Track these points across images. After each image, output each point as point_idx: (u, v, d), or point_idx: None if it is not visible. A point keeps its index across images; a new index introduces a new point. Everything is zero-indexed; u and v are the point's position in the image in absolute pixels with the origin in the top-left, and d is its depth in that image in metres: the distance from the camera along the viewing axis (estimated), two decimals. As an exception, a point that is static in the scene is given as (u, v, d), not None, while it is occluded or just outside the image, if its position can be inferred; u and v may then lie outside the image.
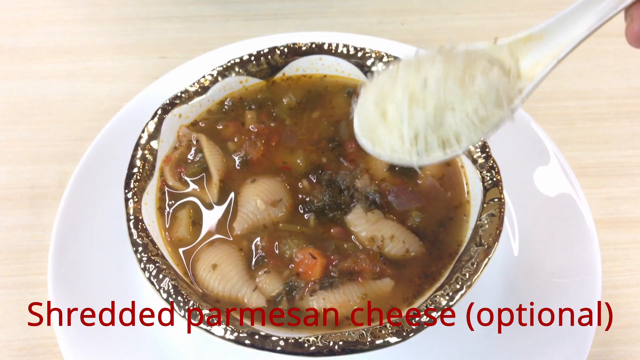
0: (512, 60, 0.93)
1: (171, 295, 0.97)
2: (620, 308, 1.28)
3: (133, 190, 1.08)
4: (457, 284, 0.98)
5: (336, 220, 1.11)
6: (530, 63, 0.92)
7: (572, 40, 0.87)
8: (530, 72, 0.92)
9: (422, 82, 0.88)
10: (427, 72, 0.89)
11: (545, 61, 0.90)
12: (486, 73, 0.89)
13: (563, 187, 1.30)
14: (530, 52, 0.92)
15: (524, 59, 0.93)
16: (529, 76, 0.92)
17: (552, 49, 0.90)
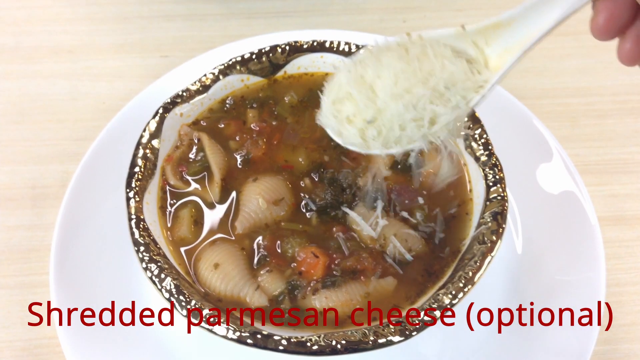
0: (478, 50, 0.93)
1: (173, 295, 0.96)
2: (624, 306, 1.27)
3: (135, 190, 1.08)
4: (461, 282, 0.98)
5: (338, 218, 1.10)
6: (499, 51, 0.91)
7: (539, 30, 0.86)
8: (499, 60, 0.91)
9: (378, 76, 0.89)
10: (385, 65, 0.89)
11: (514, 49, 0.89)
12: (451, 64, 0.89)
13: (566, 185, 1.29)
14: (499, 39, 0.91)
15: (493, 46, 0.92)
16: (497, 65, 0.91)
17: (520, 37, 0.89)
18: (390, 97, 0.88)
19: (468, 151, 1.17)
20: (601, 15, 0.78)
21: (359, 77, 0.91)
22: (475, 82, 0.91)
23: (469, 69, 0.92)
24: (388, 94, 0.88)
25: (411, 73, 0.88)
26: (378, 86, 0.89)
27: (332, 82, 0.97)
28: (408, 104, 0.88)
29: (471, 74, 0.91)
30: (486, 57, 0.93)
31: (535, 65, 1.70)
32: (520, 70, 1.69)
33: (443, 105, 0.88)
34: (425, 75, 0.88)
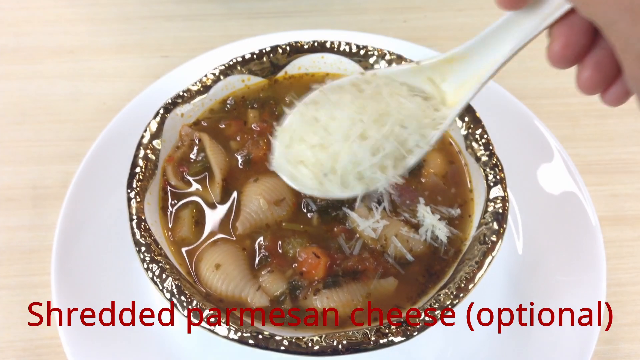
0: (434, 86, 0.91)
1: (174, 295, 0.96)
2: (625, 306, 1.27)
3: (136, 190, 1.08)
4: (462, 283, 0.98)
5: (339, 219, 1.10)
6: (455, 85, 0.90)
7: (496, 61, 0.85)
8: (455, 95, 0.90)
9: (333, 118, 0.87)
10: (339, 106, 0.87)
11: (470, 83, 0.88)
12: (407, 102, 0.87)
13: (567, 185, 1.29)
14: (454, 73, 0.90)
15: (449, 81, 0.91)
16: (455, 100, 0.90)
17: (477, 69, 0.87)
18: (346, 140, 0.86)
19: (469, 151, 1.17)
20: (557, 42, 0.75)
21: (312, 120, 0.89)
22: (434, 120, 0.90)
23: (427, 106, 0.90)
24: (343, 137, 0.86)
25: (367, 114, 0.86)
26: (332, 128, 0.87)
27: (283, 125, 0.94)
28: (365, 147, 0.86)
29: (429, 112, 0.90)
30: (443, 92, 0.92)
31: (535, 64, 1.70)
32: (520, 70, 1.70)
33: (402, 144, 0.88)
34: (381, 115, 0.87)
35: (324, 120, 0.87)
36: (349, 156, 0.85)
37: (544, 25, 0.78)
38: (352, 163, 0.86)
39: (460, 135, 1.19)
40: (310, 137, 0.87)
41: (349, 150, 0.85)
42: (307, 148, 0.88)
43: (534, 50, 1.75)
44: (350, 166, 0.86)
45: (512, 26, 0.83)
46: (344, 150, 0.85)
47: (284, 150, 0.92)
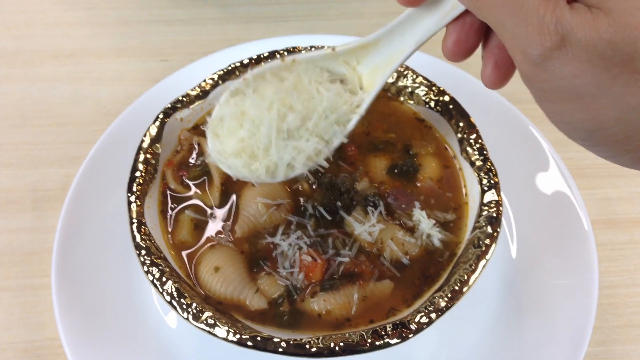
0: (350, 68, 0.96)
1: (174, 298, 0.98)
2: (617, 308, 1.29)
3: (136, 194, 1.10)
4: (456, 285, 1.00)
5: (336, 222, 1.12)
6: (370, 68, 0.95)
7: (403, 51, 0.90)
8: (371, 78, 0.95)
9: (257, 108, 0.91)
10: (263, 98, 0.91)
11: (383, 67, 0.94)
12: (327, 91, 0.92)
13: (561, 190, 1.31)
14: (368, 57, 0.95)
15: (364, 64, 0.96)
16: (370, 82, 0.95)
17: (388, 55, 0.93)
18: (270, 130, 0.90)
19: (463, 155, 1.19)
20: (450, 38, 0.82)
21: (238, 113, 0.93)
22: (352, 104, 0.95)
23: (345, 90, 0.95)
24: (268, 131, 0.90)
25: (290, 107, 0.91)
26: (257, 122, 0.91)
27: (213, 116, 0.97)
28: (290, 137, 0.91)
29: (348, 97, 0.95)
30: (359, 74, 0.97)
31: (530, 69, 1.72)
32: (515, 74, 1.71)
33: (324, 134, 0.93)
34: (304, 108, 0.92)
35: (250, 113, 0.91)
36: (275, 150, 0.91)
37: (444, 22, 0.83)
38: (278, 156, 0.92)
39: (455, 140, 1.21)
40: (237, 131, 0.92)
41: (274, 145, 0.91)
42: (236, 141, 0.92)
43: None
44: (277, 159, 0.92)
45: (416, 20, 0.87)
46: (270, 144, 0.91)
47: (215, 140, 0.96)
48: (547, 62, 0.66)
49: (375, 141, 1.24)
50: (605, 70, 0.65)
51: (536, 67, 0.67)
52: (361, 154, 1.22)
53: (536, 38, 0.65)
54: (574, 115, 0.70)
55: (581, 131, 0.72)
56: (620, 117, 0.67)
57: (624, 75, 0.65)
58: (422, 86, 1.27)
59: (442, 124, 1.24)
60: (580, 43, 0.64)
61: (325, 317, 1.03)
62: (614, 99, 0.66)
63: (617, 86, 0.65)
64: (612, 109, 0.67)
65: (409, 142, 1.24)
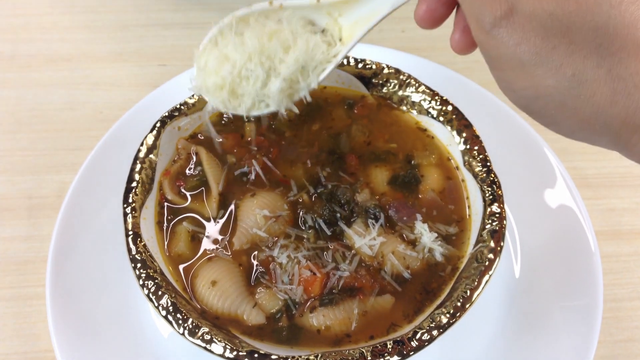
0: (332, 19, 1.02)
1: (170, 313, 0.96)
2: (621, 322, 1.27)
3: (132, 205, 1.08)
4: (459, 302, 0.98)
5: (336, 235, 1.10)
6: (351, 22, 1.01)
7: (380, 12, 0.97)
8: (350, 31, 1.01)
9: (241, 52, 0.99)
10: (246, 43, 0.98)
11: (362, 22, 0.99)
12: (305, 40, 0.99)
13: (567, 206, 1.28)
14: (350, 11, 1.01)
15: (345, 17, 1.02)
16: (349, 35, 1.01)
17: (367, 12, 0.99)
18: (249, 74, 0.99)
19: (466, 167, 1.17)
20: (421, 6, 0.88)
21: (222, 56, 1.00)
22: (328, 55, 1.02)
23: (324, 41, 1.03)
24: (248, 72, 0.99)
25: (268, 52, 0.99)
26: (238, 65, 0.98)
27: (200, 51, 1.04)
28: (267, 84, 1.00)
29: (325, 47, 1.02)
30: (340, 26, 1.03)
31: (533, 76, 1.70)
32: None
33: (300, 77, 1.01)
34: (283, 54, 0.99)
35: (232, 57, 0.99)
36: (253, 91, 1.00)
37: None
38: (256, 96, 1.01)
39: (458, 151, 1.19)
40: (219, 71, 1.00)
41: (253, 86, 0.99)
42: (217, 79, 1.00)
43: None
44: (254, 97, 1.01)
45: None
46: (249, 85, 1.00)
47: (200, 76, 1.04)
48: (496, 30, 0.73)
49: (377, 151, 1.22)
50: (545, 39, 0.71)
51: (486, 34, 0.74)
52: (362, 164, 1.19)
53: (488, 7, 0.72)
54: (517, 82, 0.76)
55: (524, 99, 0.77)
56: (557, 86, 0.73)
57: (562, 46, 0.71)
58: (425, 95, 1.25)
59: (444, 134, 1.22)
60: (525, 13, 0.71)
61: (325, 333, 1.00)
62: (552, 68, 0.72)
63: (555, 56, 0.71)
64: (550, 77, 0.72)
65: (411, 153, 1.22)
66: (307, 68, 1.01)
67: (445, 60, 1.62)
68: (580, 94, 0.72)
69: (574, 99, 0.72)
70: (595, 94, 0.71)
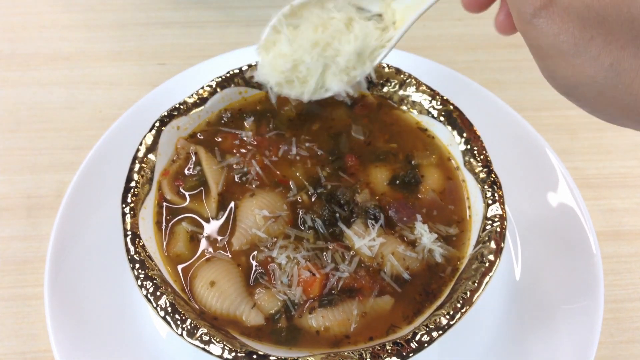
0: (385, 6, 1.07)
1: (168, 314, 0.95)
2: (622, 323, 1.27)
3: (130, 205, 1.07)
4: (458, 303, 0.97)
5: (335, 235, 1.09)
6: (403, 6, 1.05)
7: None
8: (402, 15, 1.05)
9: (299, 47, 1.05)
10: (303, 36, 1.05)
11: (414, 6, 1.03)
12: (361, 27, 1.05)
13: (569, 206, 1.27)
14: (400, 2, 1.05)
15: (398, 2, 1.06)
16: (401, 21, 1.05)
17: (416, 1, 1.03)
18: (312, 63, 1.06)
19: (467, 167, 1.16)
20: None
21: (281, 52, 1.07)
22: (382, 40, 1.06)
23: (377, 27, 1.07)
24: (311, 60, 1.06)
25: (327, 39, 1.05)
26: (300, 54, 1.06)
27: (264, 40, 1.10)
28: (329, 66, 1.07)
29: (379, 33, 1.06)
30: (394, 10, 1.06)
31: (534, 76, 1.68)
32: (519, 81, 1.69)
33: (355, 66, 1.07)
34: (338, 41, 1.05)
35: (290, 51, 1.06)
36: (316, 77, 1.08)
37: None
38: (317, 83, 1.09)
39: (458, 151, 1.18)
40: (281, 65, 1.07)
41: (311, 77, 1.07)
42: (278, 73, 1.09)
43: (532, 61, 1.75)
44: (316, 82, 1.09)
45: None
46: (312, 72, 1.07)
47: (264, 68, 1.11)
48: (536, 20, 0.75)
49: (377, 151, 1.21)
50: (583, 30, 0.73)
51: (527, 24, 0.77)
52: (362, 164, 1.19)
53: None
54: (558, 71, 0.78)
55: (564, 87, 0.80)
56: (595, 75, 0.74)
57: (600, 37, 0.72)
58: (425, 95, 1.24)
59: (445, 133, 1.21)
60: (563, 5, 0.73)
61: (324, 334, 1.00)
62: (590, 58, 0.74)
63: (593, 46, 0.73)
64: (589, 67, 0.74)
65: (411, 153, 1.21)
66: (363, 54, 1.06)
67: (446, 60, 1.61)
68: (619, 84, 0.73)
69: (613, 88, 0.74)
70: (634, 82, 0.73)
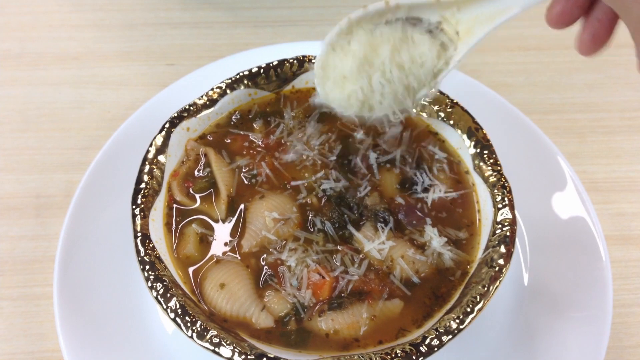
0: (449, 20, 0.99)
1: (179, 315, 0.95)
2: (630, 327, 1.26)
3: (140, 206, 1.07)
4: (468, 307, 0.97)
5: (345, 238, 1.10)
6: (470, 17, 0.97)
7: (508, 11, 0.93)
8: (467, 29, 0.98)
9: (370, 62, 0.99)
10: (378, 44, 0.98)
11: (483, 19, 0.95)
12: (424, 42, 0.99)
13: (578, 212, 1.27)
14: (470, 7, 0.97)
15: (464, 12, 0.97)
16: (465, 34, 0.98)
17: (489, 11, 0.95)
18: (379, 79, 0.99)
19: (477, 171, 1.16)
20: (555, 8, 0.89)
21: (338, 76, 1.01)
22: (445, 59, 1.00)
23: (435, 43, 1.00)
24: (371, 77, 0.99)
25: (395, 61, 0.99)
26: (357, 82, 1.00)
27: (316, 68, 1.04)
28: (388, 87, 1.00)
29: (437, 51, 0.99)
30: (457, 19, 0.99)
31: (543, 79, 1.70)
32: (528, 84, 1.69)
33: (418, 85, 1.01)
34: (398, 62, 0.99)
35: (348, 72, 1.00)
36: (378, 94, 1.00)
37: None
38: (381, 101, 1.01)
39: (468, 155, 1.18)
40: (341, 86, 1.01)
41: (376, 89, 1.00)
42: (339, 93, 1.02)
43: (541, 64, 1.75)
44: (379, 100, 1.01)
45: None
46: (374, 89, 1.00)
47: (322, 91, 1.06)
48: None
49: (387, 154, 1.21)
50: None
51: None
52: (372, 167, 1.19)
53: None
54: None
55: None
56: None
57: None
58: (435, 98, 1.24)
59: (455, 137, 1.21)
60: None
61: (333, 337, 1.00)
62: None
63: None
64: None
65: (421, 156, 1.21)
66: (421, 76, 1.00)
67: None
68: None
69: None
70: None
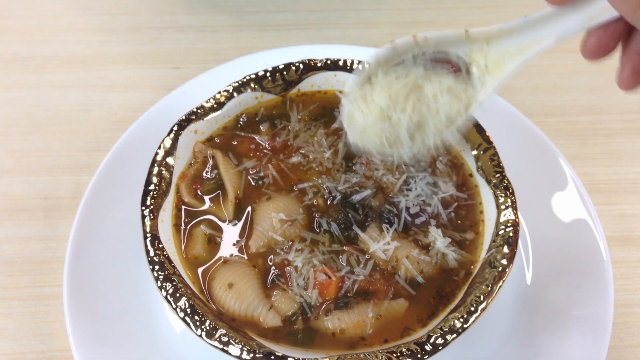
0: (478, 48, 0.97)
1: (188, 315, 0.97)
2: (631, 327, 1.28)
3: (150, 208, 1.09)
4: (472, 307, 0.99)
5: (351, 239, 1.11)
6: (499, 50, 0.96)
7: (539, 43, 0.92)
8: (496, 62, 0.96)
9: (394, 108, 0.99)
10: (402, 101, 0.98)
11: (513, 52, 0.94)
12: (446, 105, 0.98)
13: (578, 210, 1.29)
14: (497, 40, 0.95)
15: (493, 46, 0.96)
16: (494, 68, 0.97)
17: (519, 44, 0.94)
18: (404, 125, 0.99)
19: (480, 173, 1.18)
20: (591, 40, 0.87)
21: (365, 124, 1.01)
22: (468, 101, 0.99)
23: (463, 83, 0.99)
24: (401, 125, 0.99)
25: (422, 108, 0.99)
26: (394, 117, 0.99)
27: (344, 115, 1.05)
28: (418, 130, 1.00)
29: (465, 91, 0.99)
30: (486, 53, 0.97)
31: (545, 81, 1.71)
32: (529, 87, 1.70)
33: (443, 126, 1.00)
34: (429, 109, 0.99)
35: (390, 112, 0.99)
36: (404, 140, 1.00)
37: (590, 24, 0.86)
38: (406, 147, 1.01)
39: (471, 157, 1.20)
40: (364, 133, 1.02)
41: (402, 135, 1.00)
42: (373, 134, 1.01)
43: (542, 67, 1.77)
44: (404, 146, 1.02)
45: (558, 18, 0.89)
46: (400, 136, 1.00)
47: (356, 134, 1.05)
48: None
49: (391, 156, 1.23)
50: None
51: None
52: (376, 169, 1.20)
53: None
54: None
55: None
56: None
57: None
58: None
59: (458, 139, 1.23)
60: None
61: (340, 336, 1.02)
62: None
63: None
64: None
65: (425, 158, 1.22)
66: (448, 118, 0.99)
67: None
68: None
69: None
70: None
